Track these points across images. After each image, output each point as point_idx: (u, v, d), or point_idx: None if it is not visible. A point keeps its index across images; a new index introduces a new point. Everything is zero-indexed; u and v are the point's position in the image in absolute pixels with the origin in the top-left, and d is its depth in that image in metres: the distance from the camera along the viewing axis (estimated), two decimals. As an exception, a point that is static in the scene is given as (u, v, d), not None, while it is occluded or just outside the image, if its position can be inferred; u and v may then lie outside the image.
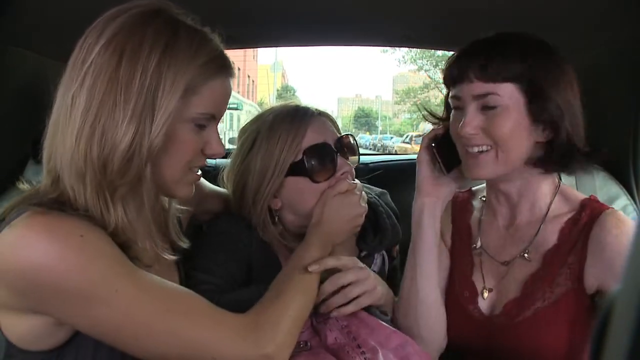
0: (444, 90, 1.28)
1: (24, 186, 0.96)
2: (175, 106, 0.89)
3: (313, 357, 1.10)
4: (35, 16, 1.40)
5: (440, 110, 1.36)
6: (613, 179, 1.60)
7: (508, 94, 1.10)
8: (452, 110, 1.22)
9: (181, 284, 1.14)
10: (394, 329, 1.17)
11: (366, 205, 1.27)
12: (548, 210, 1.21)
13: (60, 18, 1.47)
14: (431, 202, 1.29)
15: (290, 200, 1.28)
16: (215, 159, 1.06)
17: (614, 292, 0.33)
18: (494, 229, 1.29)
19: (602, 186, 1.58)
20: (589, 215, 1.15)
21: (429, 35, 1.98)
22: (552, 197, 1.22)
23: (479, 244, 1.30)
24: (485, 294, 1.24)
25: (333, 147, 1.27)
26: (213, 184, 1.41)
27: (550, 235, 1.19)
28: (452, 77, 1.18)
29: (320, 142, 1.25)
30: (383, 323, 1.17)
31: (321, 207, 1.22)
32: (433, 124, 1.37)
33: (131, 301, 0.85)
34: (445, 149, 1.25)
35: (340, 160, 1.27)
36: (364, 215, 1.26)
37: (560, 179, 1.26)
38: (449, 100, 1.22)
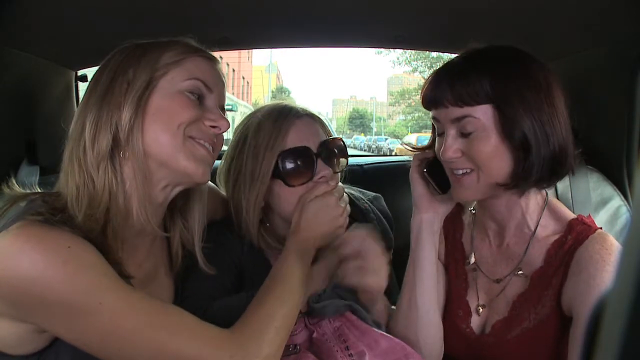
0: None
1: (16, 189, 0.97)
2: (145, 82, 1.00)
3: (301, 359, 1.11)
4: (32, 18, 1.40)
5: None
6: (607, 180, 1.60)
7: (484, 115, 1.10)
8: (437, 134, 1.22)
9: (177, 297, 1.16)
10: (382, 332, 1.18)
11: (347, 205, 1.27)
12: (536, 228, 1.21)
13: (57, 20, 1.47)
14: (429, 218, 1.29)
15: (272, 204, 1.29)
16: (219, 132, 1.07)
17: (606, 293, 0.33)
18: (486, 246, 1.30)
19: (595, 187, 1.58)
20: (574, 239, 1.15)
21: (423, 36, 1.98)
22: (539, 214, 1.22)
23: (472, 259, 1.30)
24: (480, 311, 1.25)
25: (315, 150, 1.26)
26: None
27: (538, 256, 1.19)
28: (428, 102, 1.18)
29: (299, 145, 1.25)
30: (373, 328, 1.18)
31: (298, 214, 1.22)
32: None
33: (115, 313, 0.86)
34: (437, 171, 1.25)
35: (320, 164, 1.26)
36: (345, 215, 1.26)
37: (547, 194, 1.25)
38: (432, 120, 1.22)
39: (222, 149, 1.17)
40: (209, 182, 1.38)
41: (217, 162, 1.44)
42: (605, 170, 1.61)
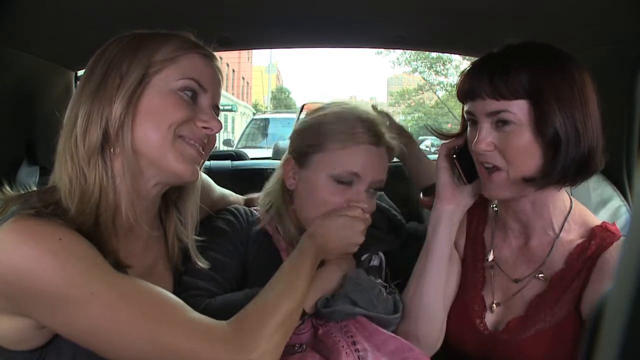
0: (439, 92, 1.28)
1: (9, 193, 0.97)
2: (137, 78, 0.99)
3: (303, 358, 1.10)
4: (32, 18, 1.40)
5: (436, 112, 1.36)
6: (606, 180, 1.60)
7: (520, 110, 1.09)
8: (468, 124, 1.21)
9: (175, 290, 1.15)
10: (390, 333, 1.17)
11: (364, 237, 1.25)
12: (560, 231, 1.20)
13: (57, 21, 1.47)
14: (450, 210, 1.27)
15: (301, 190, 1.28)
16: (211, 132, 1.07)
17: (606, 294, 0.33)
18: (507, 245, 1.28)
19: (595, 187, 1.58)
20: (597, 245, 1.14)
21: (423, 36, 1.98)
22: (564, 218, 1.21)
23: (491, 257, 1.29)
24: (494, 308, 1.24)
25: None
26: None
27: (559, 259, 1.18)
28: (465, 93, 1.17)
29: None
30: (380, 329, 1.17)
31: (323, 219, 1.20)
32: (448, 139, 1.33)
33: (107, 305, 0.85)
34: (465, 159, 1.23)
35: (364, 196, 1.25)
36: (357, 247, 1.23)
37: (572, 199, 1.24)
38: (464, 114, 1.21)
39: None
40: (207, 176, 1.38)
41: (217, 163, 1.44)
42: (605, 170, 1.60)
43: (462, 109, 1.23)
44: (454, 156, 1.26)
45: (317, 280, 1.17)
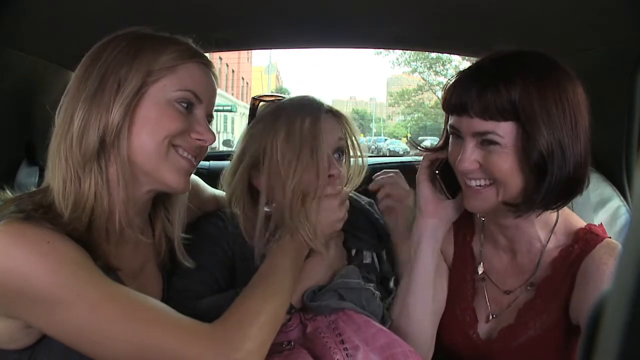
0: (438, 93, 1.27)
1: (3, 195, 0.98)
2: (136, 87, 0.98)
3: (292, 356, 1.09)
4: (32, 19, 1.40)
5: (434, 113, 1.33)
6: (606, 181, 1.60)
7: (508, 133, 1.03)
8: (451, 137, 1.16)
9: (164, 292, 1.16)
10: (381, 327, 1.15)
11: (346, 212, 1.22)
12: (547, 242, 1.17)
13: (57, 21, 1.47)
14: (434, 224, 1.23)
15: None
16: (204, 144, 1.07)
17: (605, 292, 0.33)
18: (497, 257, 1.26)
19: (595, 187, 1.58)
20: (581, 248, 1.12)
21: (423, 36, 1.98)
22: (551, 230, 1.17)
23: (481, 270, 1.27)
24: (491, 318, 1.23)
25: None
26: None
27: (547, 266, 1.17)
28: (451, 106, 1.11)
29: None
30: (371, 321, 1.15)
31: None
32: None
33: (93, 306, 0.86)
34: (448, 173, 1.19)
35: (331, 162, 1.20)
36: (343, 221, 1.22)
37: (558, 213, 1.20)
38: (448, 127, 1.15)
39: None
40: (196, 177, 1.38)
41: (218, 163, 1.44)
42: (604, 170, 1.61)
43: (445, 121, 1.18)
44: (437, 171, 1.22)
45: (302, 273, 1.17)
